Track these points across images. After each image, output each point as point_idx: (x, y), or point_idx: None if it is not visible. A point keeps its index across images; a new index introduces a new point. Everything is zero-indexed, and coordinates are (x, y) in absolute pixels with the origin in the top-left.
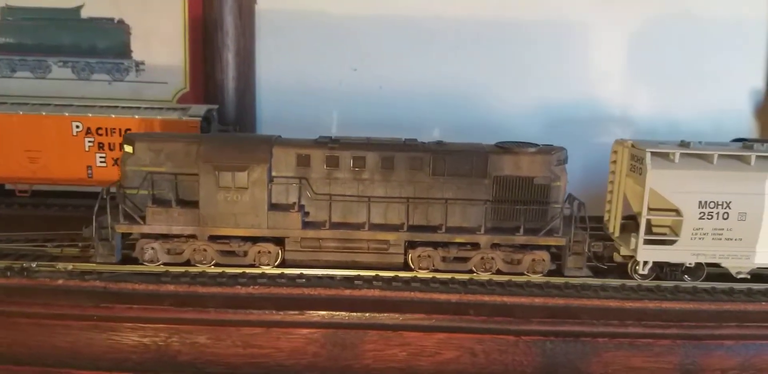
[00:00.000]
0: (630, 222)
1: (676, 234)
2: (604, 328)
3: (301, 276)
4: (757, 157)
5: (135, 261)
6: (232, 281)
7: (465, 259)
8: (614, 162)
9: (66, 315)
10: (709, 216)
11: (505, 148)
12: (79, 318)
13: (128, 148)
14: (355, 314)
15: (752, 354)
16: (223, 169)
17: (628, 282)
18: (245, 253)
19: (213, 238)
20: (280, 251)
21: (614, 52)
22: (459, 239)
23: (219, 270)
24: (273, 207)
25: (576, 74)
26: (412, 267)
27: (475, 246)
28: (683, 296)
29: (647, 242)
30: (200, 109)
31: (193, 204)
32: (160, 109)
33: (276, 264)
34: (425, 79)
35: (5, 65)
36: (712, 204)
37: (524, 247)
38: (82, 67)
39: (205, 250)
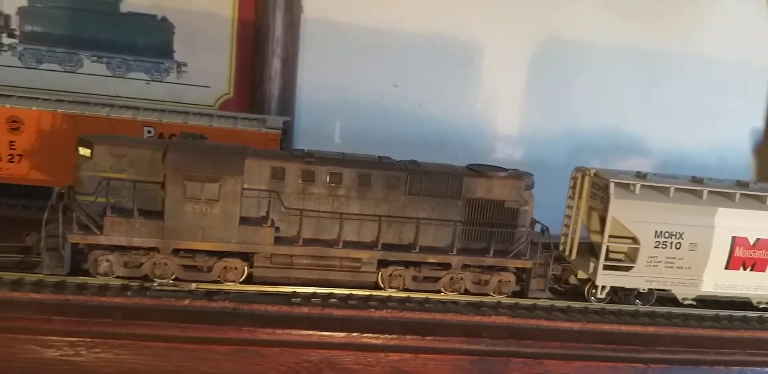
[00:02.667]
0: (584, 246)
1: (632, 261)
2: None
3: (427, 300)
4: (709, 192)
5: (85, 272)
6: (362, 304)
7: (435, 279)
8: (573, 187)
9: (206, 339)
10: (664, 246)
11: (478, 171)
12: (221, 341)
13: (84, 152)
14: (494, 341)
15: None
16: (193, 179)
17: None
18: (209, 269)
19: (176, 252)
20: (246, 267)
21: (634, 87)
22: (432, 259)
23: (346, 291)
24: (243, 220)
25: (599, 105)
26: (382, 286)
27: (446, 266)
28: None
29: (606, 268)
30: (278, 121)
31: (156, 214)
32: (235, 118)
33: (241, 280)
34: (463, 99)
35: (31, 55)
36: (666, 234)
37: (491, 268)
38: (117, 63)
39: (165, 264)
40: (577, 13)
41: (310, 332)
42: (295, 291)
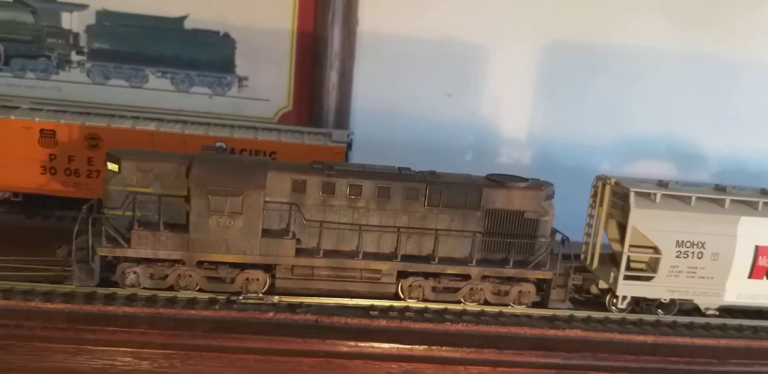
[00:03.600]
0: (606, 255)
1: (654, 271)
2: None
3: (501, 314)
4: (731, 200)
5: (114, 284)
6: (439, 317)
7: (454, 290)
8: (594, 196)
9: (293, 351)
10: (685, 255)
11: (497, 181)
12: (307, 354)
13: (112, 167)
14: (570, 354)
15: None
16: (217, 193)
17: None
18: (233, 280)
19: (200, 264)
20: (268, 278)
21: (692, 93)
22: (451, 270)
23: (422, 305)
24: (266, 233)
25: (656, 111)
26: (402, 296)
27: (465, 277)
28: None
29: (627, 278)
30: (343, 135)
31: (181, 227)
32: (301, 132)
33: (263, 291)
34: (515, 107)
35: (98, 72)
36: (688, 244)
37: (511, 279)
38: (181, 78)
39: (190, 276)
40: (634, 20)
41: (391, 345)
42: (372, 305)
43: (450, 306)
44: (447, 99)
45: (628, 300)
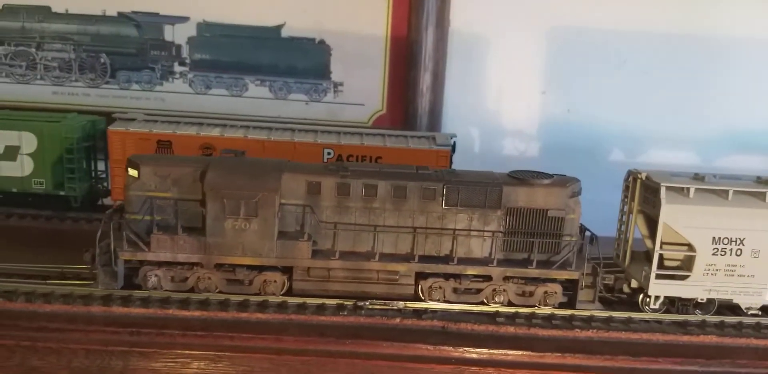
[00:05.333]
0: (640, 253)
1: (689, 269)
2: None
3: (630, 319)
4: None
5: (138, 287)
6: (567, 324)
7: (477, 290)
8: (626, 192)
9: (424, 358)
10: (723, 253)
11: (519, 179)
12: (439, 360)
13: (133, 172)
14: (708, 361)
15: None
16: (231, 196)
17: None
18: (251, 282)
19: (218, 266)
20: (286, 280)
21: None
22: (471, 271)
23: (548, 311)
24: (281, 235)
25: (759, 102)
26: (423, 298)
27: (487, 278)
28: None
29: (659, 277)
30: (446, 138)
31: (198, 231)
32: (405, 136)
33: (282, 293)
34: (614, 102)
35: (200, 82)
36: (725, 241)
37: (536, 279)
38: (279, 86)
39: (209, 278)
40: (735, 9)
41: (522, 352)
42: (498, 311)
43: (577, 313)
44: (542, 96)
45: (661, 299)
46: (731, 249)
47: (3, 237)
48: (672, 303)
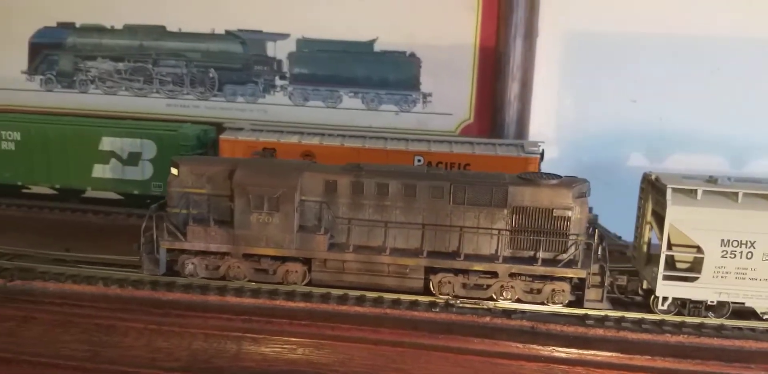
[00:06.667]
0: (657, 255)
1: (698, 271)
2: None
3: (722, 327)
4: None
5: (177, 274)
6: (657, 328)
7: (485, 286)
8: (642, 195)
9: (514, 355)
10: (732, 255)
11: (526, 179)
12: (529, 358)
13: (174, 171)
14: None
15: None
16: (256, 192)
17: None
18: (275, 271)
19: (246, 256)
20: (306, 271)
21: None
22: (477, 267)
23: (638, 315)
24: (301, 229)
25: None
26: (433, 292)
27: (494, 274)
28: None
29: (667, 278)
30: (534, 145)
31: (228, 223)
32: (493, 144)
33: (304, 283)
34: (708, 109)
35: (299, 94)
36: (735, 243)
37: (544, 277)
38: (371, 97)
39: (238, 267)
40: None
41: (611, 353)
42: (587, 314)
43: (668, 318)
44: (632, 104)
45: (669, 301)
46: (741, 252)
47: (125, 233)
48: (683, 305)
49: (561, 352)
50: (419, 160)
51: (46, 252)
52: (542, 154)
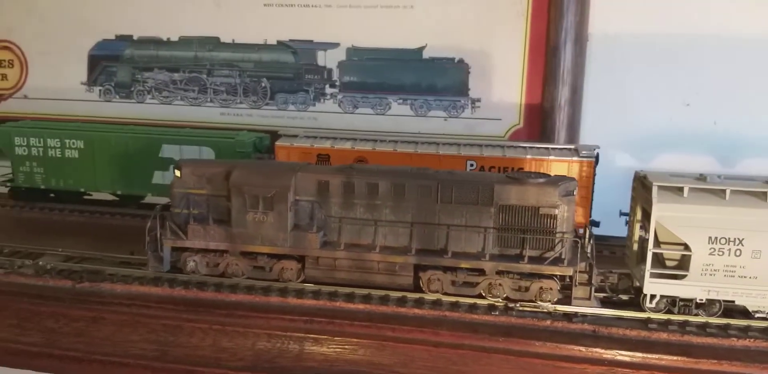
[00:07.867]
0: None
1: (686, 269)
2: None
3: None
4: None
5: (180, 271)
6: (722, 332)
7: (474, 284)
8: (633, 193)
9: (577, 358)
10: (720, 253)
11: (513, 178)
12: (592, 362)
13: (177, 173)
14: None
15: None
16: (251, 192)
17: None
18: (271, 269)
19: (244, 254)
20: (300, 268)
21: None
22: (464, 264)
23: (702, 319)
24: (295, 227)
25: None
26: (423, 289)
27: (481, 272)
28: None
29: (654, 275)
30: (589, 149)
31: (225, 222)
32: (546, 148)
33: (299, 280)
34: (764, 113)
35: (349, 102)
36: (723, 241)
37: (532, 275)
38: (420, 104)
39: (237, 265)
40: None
41: (676, 357)
42: (649, 317)
43: (733, 322)
44: (686, 108)
45: (657, 298)
46: (730, 250)
47: None
48: (674, 304)
49: (624, 356)
50: (472, 165)
51: (112, 255)
52: (597, 158)
